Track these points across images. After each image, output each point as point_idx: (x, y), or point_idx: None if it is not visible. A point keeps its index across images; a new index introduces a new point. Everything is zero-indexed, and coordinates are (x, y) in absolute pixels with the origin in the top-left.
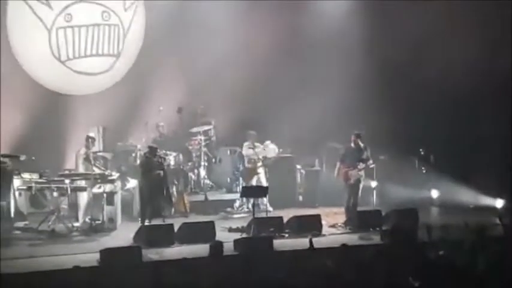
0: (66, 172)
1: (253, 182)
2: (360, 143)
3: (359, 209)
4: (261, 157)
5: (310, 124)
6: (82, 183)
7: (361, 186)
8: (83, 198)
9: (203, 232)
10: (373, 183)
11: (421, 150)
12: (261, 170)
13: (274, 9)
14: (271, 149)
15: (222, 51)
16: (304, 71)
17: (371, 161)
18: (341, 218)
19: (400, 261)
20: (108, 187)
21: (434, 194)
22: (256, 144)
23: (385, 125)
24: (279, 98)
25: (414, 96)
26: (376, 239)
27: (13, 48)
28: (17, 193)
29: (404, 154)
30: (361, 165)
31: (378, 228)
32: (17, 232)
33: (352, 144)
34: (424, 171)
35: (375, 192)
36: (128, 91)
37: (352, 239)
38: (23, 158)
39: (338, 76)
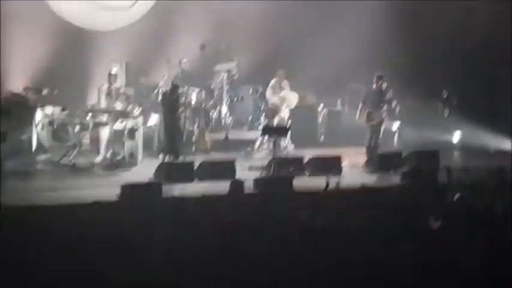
0: (89, 107)
1: (276, 121)
2: (383, 85)
3: (380, 150)
4: (282, 99)
5: (333, 64)
6: (104, 118)
7: (382, 128)
8: (105, 133)
9: (223, 170)
10: (395, 126)
11: (444, 92)
12: (284, 110)
13: None
14: (292, 97)
15: None
16: (329, 10)
17: (394, 103)
18: (362, 159)
19: (419, 203)
20: (129, 123)
21: (456, 137)
22: (284, 82)
23: (409, 66)
24: (303, 37)
25: (438, 37)
26: (396, 180)
27: None
28: (39, 127)
29: (427, 96)
30: (384, 107)
31: (398, 170)
32: (38, 165)
33: (375, 86)
34: (446, 114)
35: (396, 134)
36: (151, 27)
37: (372, 180)
38: (45, 91)
39: (362, 15)
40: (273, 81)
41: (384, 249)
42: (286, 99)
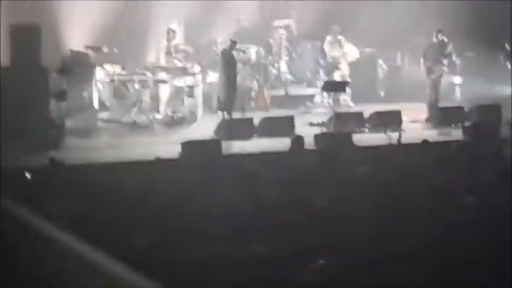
0: (148, 65)
1: (335, 77)
2: (443, 38)
3: (441, 105)
4: (342, 54)
5: (393, 18)
6: (163, 75)
7: (443, 81)
8: (164, 90)
9: (283, 126)
10: (457, 79)
11: (506, 45)
12: (343, 65)
13: None
14: (352, 51)
15: None
16: None
17: (454, 56)
18: (423, 114)
19: (481, 157)
20: (189, 80)
21: None
22: (339, 37)
23: (471, 19)
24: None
25: None
26: (457, 135)
27: None
28: (100, 85)
29: (489, 49)
30: (444, 61)
31: (460, 124)
32: (100, 123)
33: (435, 39)
34: (509, 67)
35: (458, 88)
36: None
37: (433, 135)
38: (105, 49)
39: None
40: (328, 37)
41: (445, 204)
42: (346, 54)
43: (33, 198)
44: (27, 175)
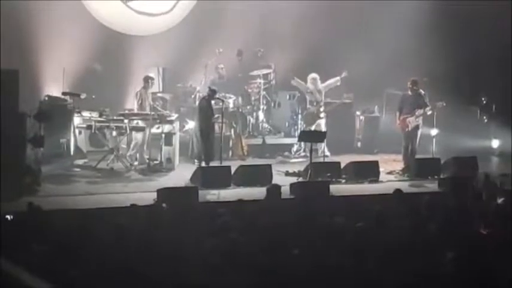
0: (126, 112)
1: (313, 127)
2: (418, 90)
3: (418, 156)
4: (322, 97)
5: (371, 70)
6: (140, 123)
7: (419, 133)
8: (141, 138)
9: (260, 175)
10: (433, 131)
11: (483, 99)
12: (323, 115)
13: None
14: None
15: None
16: (366, 15)
17: (429, 108)
18: (399, 166)
19: (457, 209)
20: (166, 128)
21: (495, 143)
22: (320, 87)
23: (447, 71)
24: (339, 43)
25: (477, 44)
26: (433, 187)
27: None
28: (77, 131)
29: (465, 102)
30: (419, 112)
31: (436, 177)
32: (77, 169)
33: (409, 91)
34: (485, 121)
35: (434, 140)
36: (188, 32)
37: (409, 186)
38: (83, 96)
39: (398, 21)
40: (309, 85)
41: (423, 256)
42: (325, 87)
43: (9, 243)
44: (8, 217)
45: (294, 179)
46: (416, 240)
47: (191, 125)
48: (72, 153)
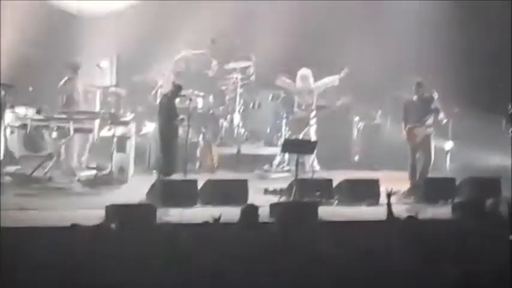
0: (70, 109)
1: (301, 136)
2: (426, 93)
3: (427, 175)
4: (314, 99)
5: (375, 66)
6: (88, 123)
7: (431, 146)
8: (88, 141)
9: (233, 192)
10: (447, 145)
11: (510, 106)
12: (313, 122)
13: None
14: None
15: None
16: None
17: (442, 115)
18: (404, 185)
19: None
20: (119, 130)
21: None
22: (313, 86)
23: (464, 70)
24: (339, 31)
25: (502, 37)
26: (445, 213)
27: None
28: (8, 131)
29: (488, 111)
30: (430, 120)
31: (449, 200)
32: (7, 178)
33: (415, 97)
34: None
35: (448, 155)
36: (151, 14)
37: (416, 211)
38: (16, 88)
39: (411, 9)
40: (298, 83)
41: None
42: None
43: None
44: None
45: (275, 199)
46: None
47: (150, 127)
48: (1, 157)
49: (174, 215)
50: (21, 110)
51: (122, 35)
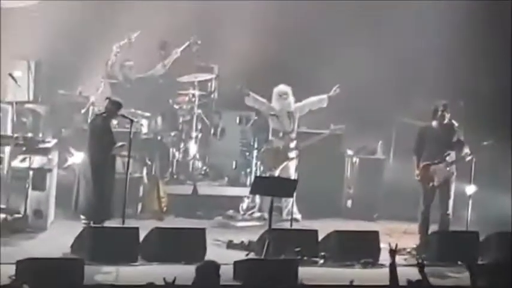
0: None
1: (277, 172)
2: (450, 121)
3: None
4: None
5: (374, 84)
6: None
7: (452, 190)
8: None
9: (186, 245)
10: (469, 189)
11: None
12: (294, 154)
13: None
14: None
15: None
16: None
17: (467, 150)
18: (412, 241)
19: None
20: (37, 160)
21: None
22: (292, 108)
23: (489, 94)
24: (330, 39)
25: None
26: (463, 278)
27: None
28: None
29: None
30: (452, 156)
31: (469, 262)
32: None
33: (435, 123)
34: None
35: (470, 202)
36: (80, 6)
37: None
38: None
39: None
40: (274, 104)
41: None
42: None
43: None
44: None
45: (241, 255)
46: None
47: (78, 157)
48: None
49: (109, 273)
50: None
51: (41, 34)
